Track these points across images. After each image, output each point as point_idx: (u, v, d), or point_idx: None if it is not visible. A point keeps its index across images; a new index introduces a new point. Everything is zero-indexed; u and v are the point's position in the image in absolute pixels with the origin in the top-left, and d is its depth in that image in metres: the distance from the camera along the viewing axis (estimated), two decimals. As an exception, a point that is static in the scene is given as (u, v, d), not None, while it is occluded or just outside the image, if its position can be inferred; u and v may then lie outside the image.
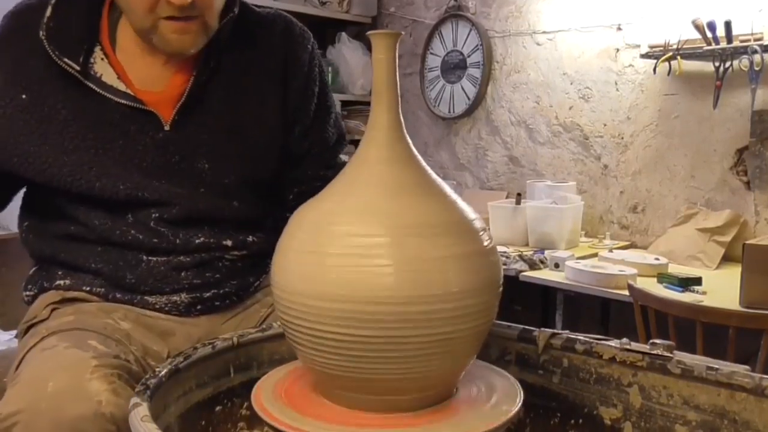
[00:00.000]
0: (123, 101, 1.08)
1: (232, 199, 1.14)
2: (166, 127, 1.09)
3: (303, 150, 1.24)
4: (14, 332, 1.16)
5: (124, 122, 1.08)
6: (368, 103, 0.79)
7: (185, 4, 0.99)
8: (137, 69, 1.10)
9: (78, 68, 1.06)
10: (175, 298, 1.12)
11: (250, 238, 1.17)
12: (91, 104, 1.08)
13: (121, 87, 1.09)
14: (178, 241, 1.11)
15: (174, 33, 1.03)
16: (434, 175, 0.75)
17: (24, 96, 1.07)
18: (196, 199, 1.11)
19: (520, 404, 0.74)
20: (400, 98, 0.75)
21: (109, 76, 1.09)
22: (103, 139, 1.08)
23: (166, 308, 1.11)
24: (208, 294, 1.14)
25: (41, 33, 1.06)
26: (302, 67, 1.21)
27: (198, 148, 1.11)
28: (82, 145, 1.07)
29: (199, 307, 1.14)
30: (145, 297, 1.11)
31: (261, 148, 1.17)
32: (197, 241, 1.12)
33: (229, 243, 1.15)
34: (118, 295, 1.10)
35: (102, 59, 1.10)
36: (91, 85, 1.07)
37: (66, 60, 1.06)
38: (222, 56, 1.13)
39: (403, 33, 0.76)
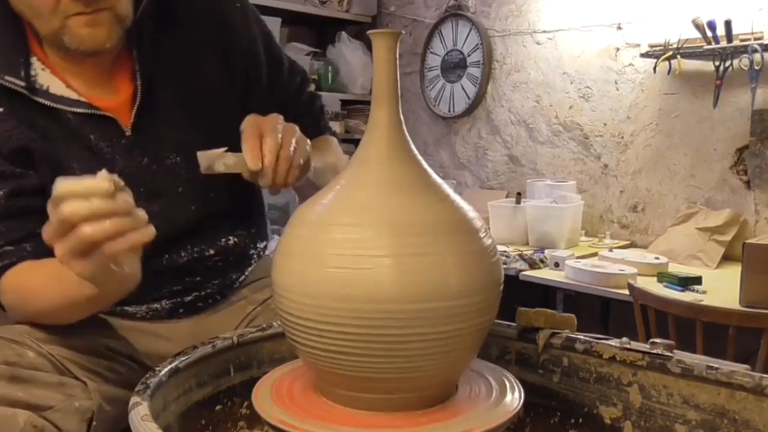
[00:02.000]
0: (79, 110, 1.01)
1: (210, 191, 1.10)
2: (128, 132, 1.04)
3: (268, 113, 1.19)
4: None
5: (84, 133, 1.02)
6: (368, 103, 0.79)
7: None
8: (77, 76, 1.03)
9: (24, 84, 0.98)
10: (155, 305, 1.10)
11: (231, 241, 1.14)
12: (44, 121, 1.00)
13: (73, 96, 1.01)
14: (164, 262, 1.07)
15: (85, 27, 0.94)
16: (434, 175, 0.75)
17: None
18: (177, 209, 1.06)
19: (520, 404, 0.74)
20: (400, 97, 0.75)
21: (56, 87, 1.01)
22: (66, 156, 1.01)
23: (148, 316, 1.10)
24: (189, 298, 1.12)
25: None
26: (237, 29, 1.13)
27: (165, 143, 1.07)
28: (46, 169, 0.99)
29: (181, 310, 1.12)
30: (124, 308, 1.09)
31: (224, 125, 1.09)
32: (181, 261, 1.09)
33: (211, 251, 1.12)
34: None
35: (43, 70, 1.01)
36: (41, 99, 0.99)
37: (8, 78, 0.97)
38: (155, 44, 1.06)
39: (403, 32, 0.76)
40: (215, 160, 0.87)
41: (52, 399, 0.87)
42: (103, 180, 0.71)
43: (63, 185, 0.70)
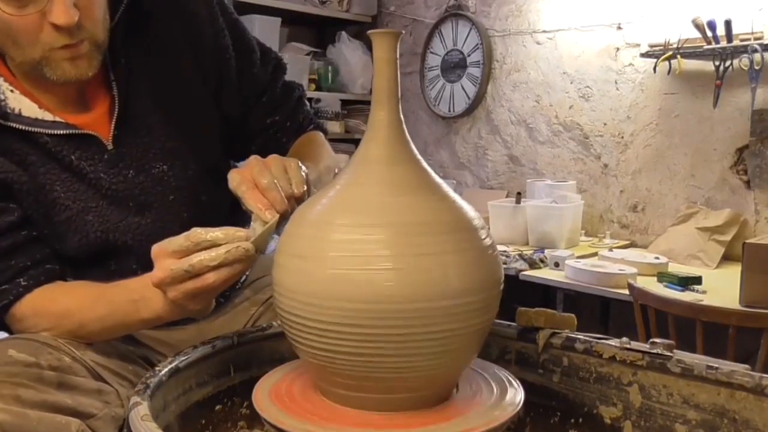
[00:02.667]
0: (56, 131, 0.97)
1: (200, 195, 1.08)
2: (110, 146, 1.01)
3: (241, 107, 1.16)
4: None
5: (63, 155, 0.98)
6: (368, 102, 0.78)
7: (71, 23, 0.88)
8: (49, 93, 0.99)
9: None
10: (154, 326, 1.07)
11: None
12: (19, 146, 0.96)
13: (48, 117, 0.97)
14: None
15: (67, 60, 0.92)
16: (434, 175, 0.75)
17: None
18: (170, 218, 1.03)
19: (520, 403, 0.74)
20: (400, 97, 0.75)
21: (29, 109, 0.96)
22: (47, 180, 0.98)
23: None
24: None
25: None
26: (202, 22, 1.09)
27: (148, 152, 1.04)
28: (28, 197, 0.97)
29: None
30: None
31: (202, 125, 1.10)
32: None
33: None
34: None
35: (12, 91, 0.96)
36: (14, 124, 0.95)
37: None
38: (127, 52, 1.03)
39: (403, 32, 0.76)
40: (261, 240, 0.83)
41: (93, 407, 0.88)
42: (239, 230, 0.80)
43: (197, 235, 0.79)
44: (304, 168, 0.90)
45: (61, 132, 0.98)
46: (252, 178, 0.85)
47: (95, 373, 0.93)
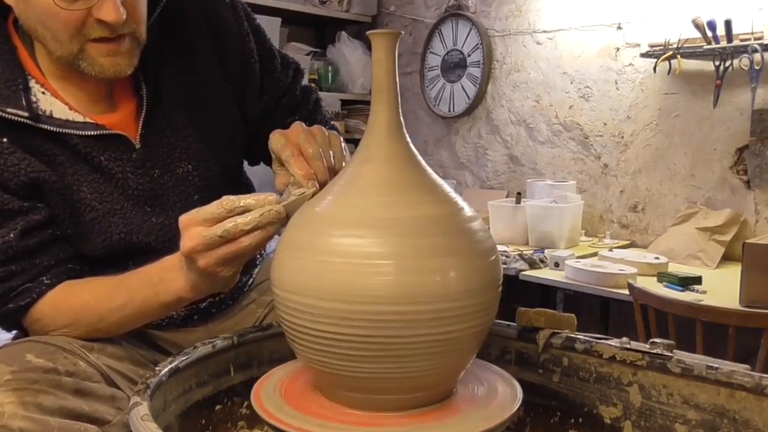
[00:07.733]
0: (86, 132, 0.98)
1: (220, 196, 1.09)
2: (137, 145, 1.02)
3: (262, 109, 1.17)
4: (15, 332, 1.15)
5: (92, 156, 0.99)
6: (368, 102, 0.78)
7: (119, 21, 0.89)
8: (79, 91, 0.99)
9: (27, 114, 0.93)
10: (171, 313, 1.08)
11: None
12: (50, 146, 0.96)
13: (79, 118, 0.97)
14: None
15: (106, 56, 0.92)
16: (434, 175, 0.75)
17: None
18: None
19: (519, 403, 0.74)
20: (400, 97, 0.75)
21: (59, 111, 0.97)
22: (76, 181, 0.98)
23: (164, 324, 1.09)
24: (204, 304, 1.11)
25: None
26: (229, 26, 1.11)
27: (174, 151, 1.05)
28: (56, 197, 0.97)
29: (196, 317, 1.12)
30: None
31: (225, 125, 1.11)
32: None
33: None
34: None
35: (43, 93, 0.96)
36: (46, 126, 0.95)
37: (10, 110, 0.93)
38: (156, 53, 1.03)
39: (403, 32, 0.76)
40: (293, 206, 0.81)
41: (108, 413, 0.88)
42: (272, 195, 0.80)
43: (230, 202, 0.79)
44: (344, 144, 0.91)
45: (92, 133, 0.98)
46: (297, 144, 0.86)
47: (108, 378, 0.94)
